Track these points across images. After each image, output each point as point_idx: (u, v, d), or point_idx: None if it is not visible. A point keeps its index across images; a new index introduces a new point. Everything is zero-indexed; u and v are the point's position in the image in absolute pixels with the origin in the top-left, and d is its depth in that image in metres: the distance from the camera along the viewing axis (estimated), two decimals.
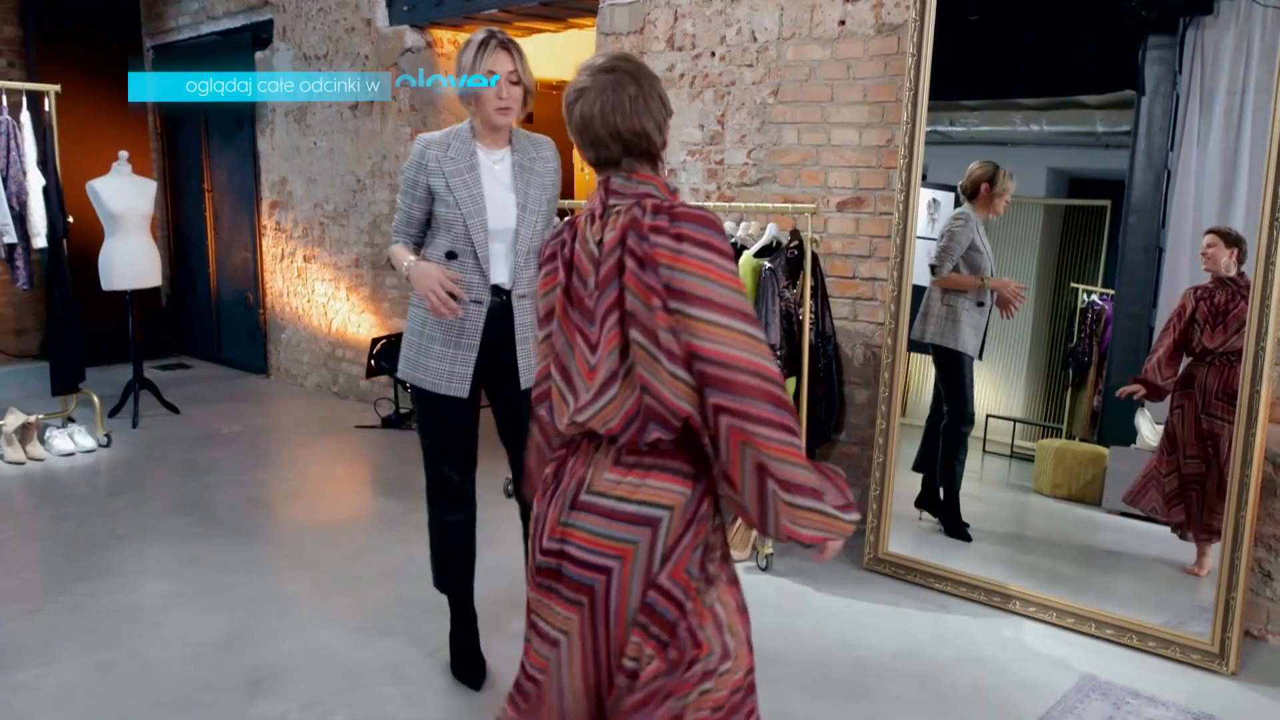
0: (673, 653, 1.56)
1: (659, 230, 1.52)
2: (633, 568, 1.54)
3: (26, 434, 5.14)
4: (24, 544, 4.02)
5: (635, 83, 1.59)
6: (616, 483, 1.56)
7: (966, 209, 3.73)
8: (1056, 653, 3.04)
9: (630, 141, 1.59)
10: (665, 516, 1.54)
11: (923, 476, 3.97)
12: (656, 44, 4.41)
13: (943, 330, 3.77)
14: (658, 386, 1.52)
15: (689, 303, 1.49)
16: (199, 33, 7.27)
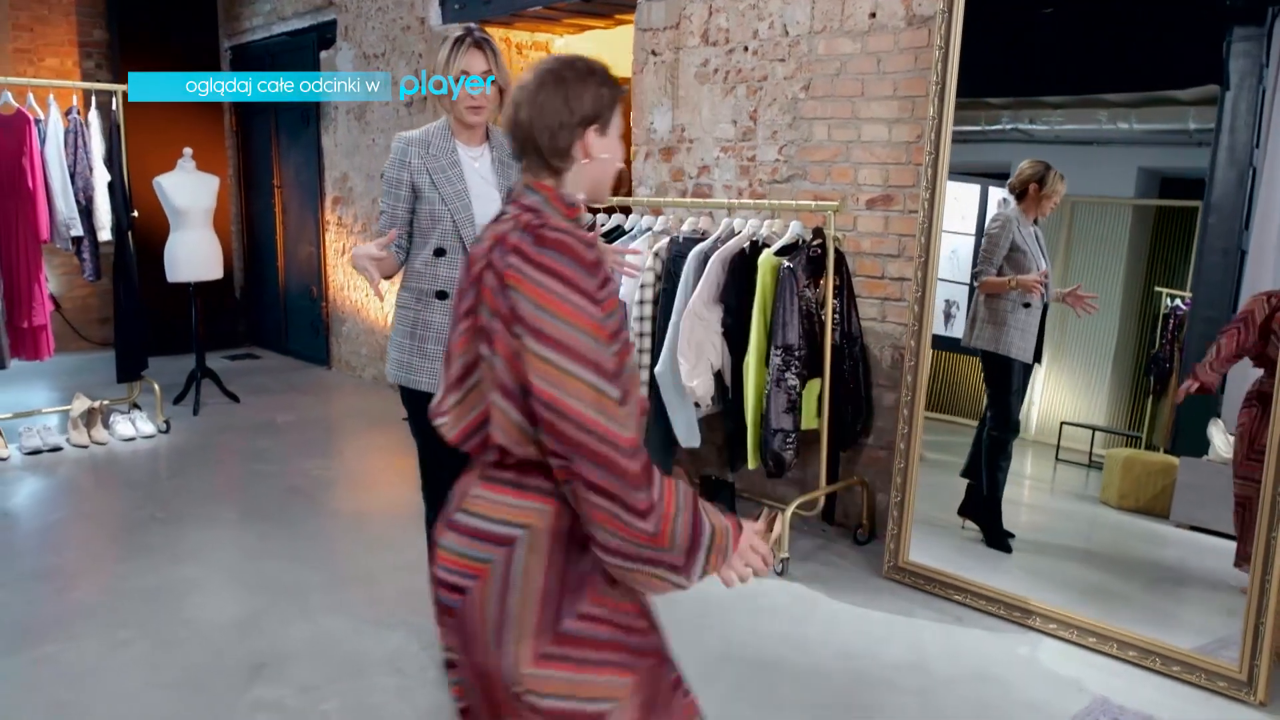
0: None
1: (517, 250, 1.44)
2: (488, 588, 1.46)
3: (91, 419, 5.37)
4: (75, 524, 4.21)
5: (556, 85, 1.52)
6: (479, 498, 1.51)
7: (1006, 210, 3.58)
8: (1072, 673, 2.90)
9: (528, 146, 1.54)
10: (522, 535, 1.46)
11: (968, 484, 3.85)
12: (691, 39, 4.36)
13: (987, 334, 3.63)
14: (494, 410, 1.46)
15: (526, 331, 1.39)
16: (270, 33, 7.50)
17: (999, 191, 3.68)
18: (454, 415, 1.53)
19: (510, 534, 1.47)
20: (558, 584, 1.47)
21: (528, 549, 1.46)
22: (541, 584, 1.46)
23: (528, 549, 1.46)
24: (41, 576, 3.61)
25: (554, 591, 1.46)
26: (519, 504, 1.48)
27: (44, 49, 7.61)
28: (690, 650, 2.99)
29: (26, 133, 4.94)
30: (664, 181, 4.58)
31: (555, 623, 1.46)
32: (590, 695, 1.47)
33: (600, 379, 1.37)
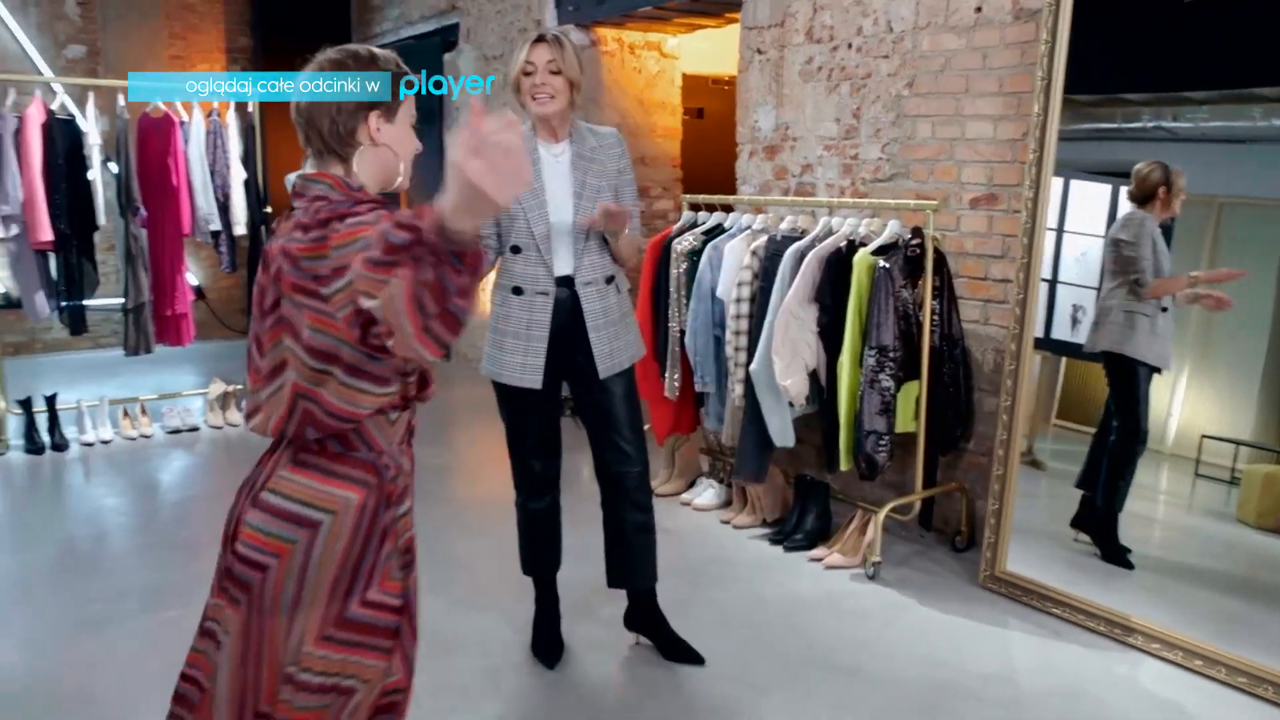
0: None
1: (300, 226, 1.48)
2: (289, 566, 1.51)
3: (226, 402, 5.74)
4: (205, 501, 4.51)
5: (330, 70, 1.57)
6: (287, 480, 1.54)
7: (1139, 213, 3.40)
8: (1172, 696, 2.77)
9: (310, 132, 1.57)
10: (326, 520, 1.52)
11: (1083, 495, 3.70)
12: (796, 36, 4.34)
13: (1113, 337, 3.46)
14: (311, 389, 1.48)
15: (338, 276, 1.40)
16: (399, 36, 7.81)
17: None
18: (266, 410, 1.54)
19: (315, 518, 1.52)
20: (351, 571, 1.55)
21: (330, 534, 1.52)
22: (336, 569, 1.53)
23: (330, 534, 1.52)
24: (173, 546, 3.90)
25: (346, 578, 1.54)
26: (326, 490, 1.53)
27: (195, 55, 8.15)
28: (770, 651, 3.01)
29: (172, 134, 5.31)
30: (767, 180, 4.57)
31: (342, 608, 1.54)
32: (350, 673, 1.56)
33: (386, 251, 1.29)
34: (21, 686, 2.81)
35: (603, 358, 2.72)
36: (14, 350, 7.47)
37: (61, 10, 7.59)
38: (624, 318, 2.78)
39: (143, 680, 2.83)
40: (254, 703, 1.55)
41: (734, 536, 3.98)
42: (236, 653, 1.55)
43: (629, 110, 6.04)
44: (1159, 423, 3.54)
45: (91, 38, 7.68)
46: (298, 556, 1.52)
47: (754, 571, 3.62)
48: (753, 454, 3.88)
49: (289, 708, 1.54)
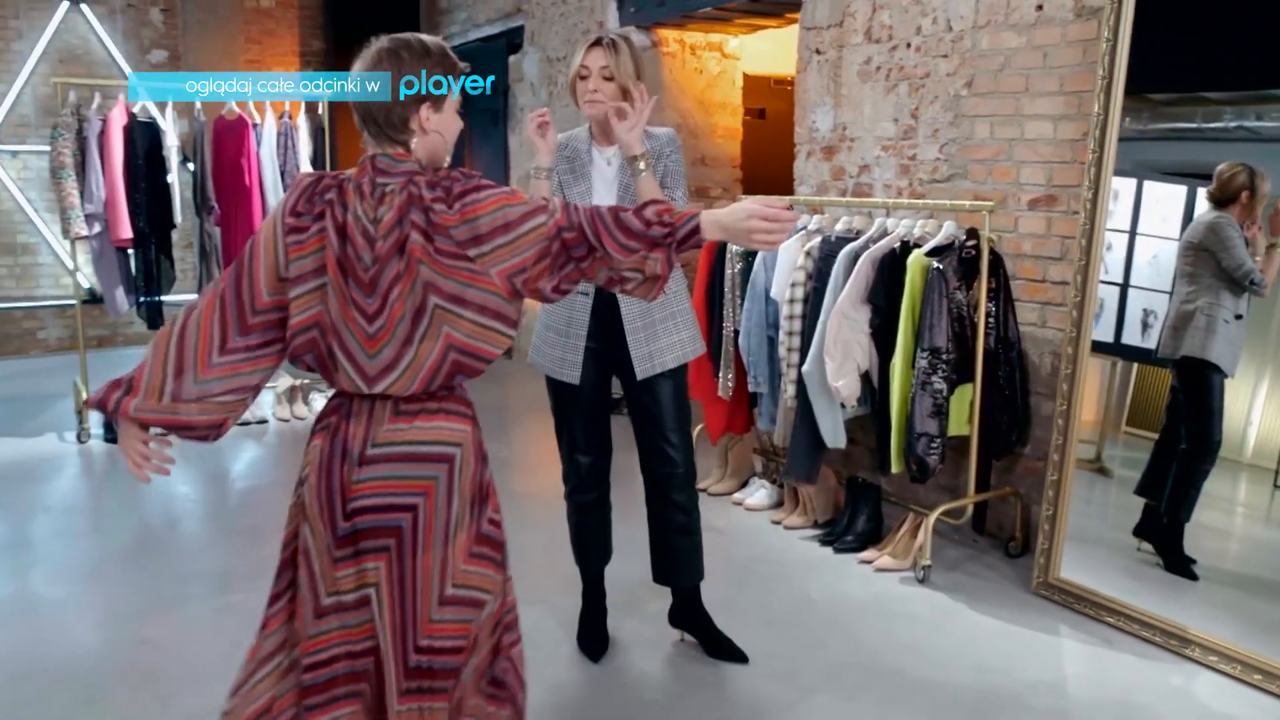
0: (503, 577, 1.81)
1: (438, 200, 1.65)
2: (436, 501, 1.69)
3: (294, 395, 5.92)
4: (271, 489, 4.66)
5: (392, 63, 1.68)
6: (404, 429, 1.69)
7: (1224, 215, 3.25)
8: (1226, 709, 2.70)
9: (368, 120, 1.69)
10: (457, 453, 1.71)
11: (1145, 504, 3.61)
12: (855, 36, 4.32)
13: (1198, 341, 3.33)
14: (466, 341, 1.67)
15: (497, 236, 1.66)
16: (466, 39, 7.95)
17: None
18: (409, 373, 1.68)
19: (449, 453, 1.71)
20: (481, 492, 1.75)
21: (462, 463, 1.72)
22: (470, 492, 1.74)
23: (462, 463, 1.72)
24: (240, 533, 4.04)
25: (478, 498, 1.74)
26: (449, 426, 1.72)
27: (270, 59, 8.40)
28: (815, 652, 3.01)
29: (245, 135, 5.49)
30: (824, 181, 4.56)
31: (479, 525, 1.75)
32: (485, 587, 1.74)
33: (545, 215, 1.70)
34: (94, 662, 2.95)
35: (640, 360, 2.72)
36: (97, 343, 7.80)
37: (146, 18, 7.89)
38: (670, 317, 2.76)
39: (205, 660, 2.95)
40: (415, 637, 1.70)
41: (784, 537, 3.98)
42: (394, 597, 1.69)
43: (689, 111, 6.07)
44: (1237, 431, 3.45)
45: (173, 43, 7.97)
46: (441, 490, 1.69)
47: (802, 572, 3.62)
48: (804, 455, 3.87)
49: (451, 625, 1.71)
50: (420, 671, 1.69)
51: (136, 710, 2.68)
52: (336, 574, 1.70)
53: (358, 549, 1.68)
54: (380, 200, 1.66)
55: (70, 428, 5.46)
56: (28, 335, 7.77)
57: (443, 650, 1.70)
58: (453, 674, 1.72)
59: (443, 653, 1.70)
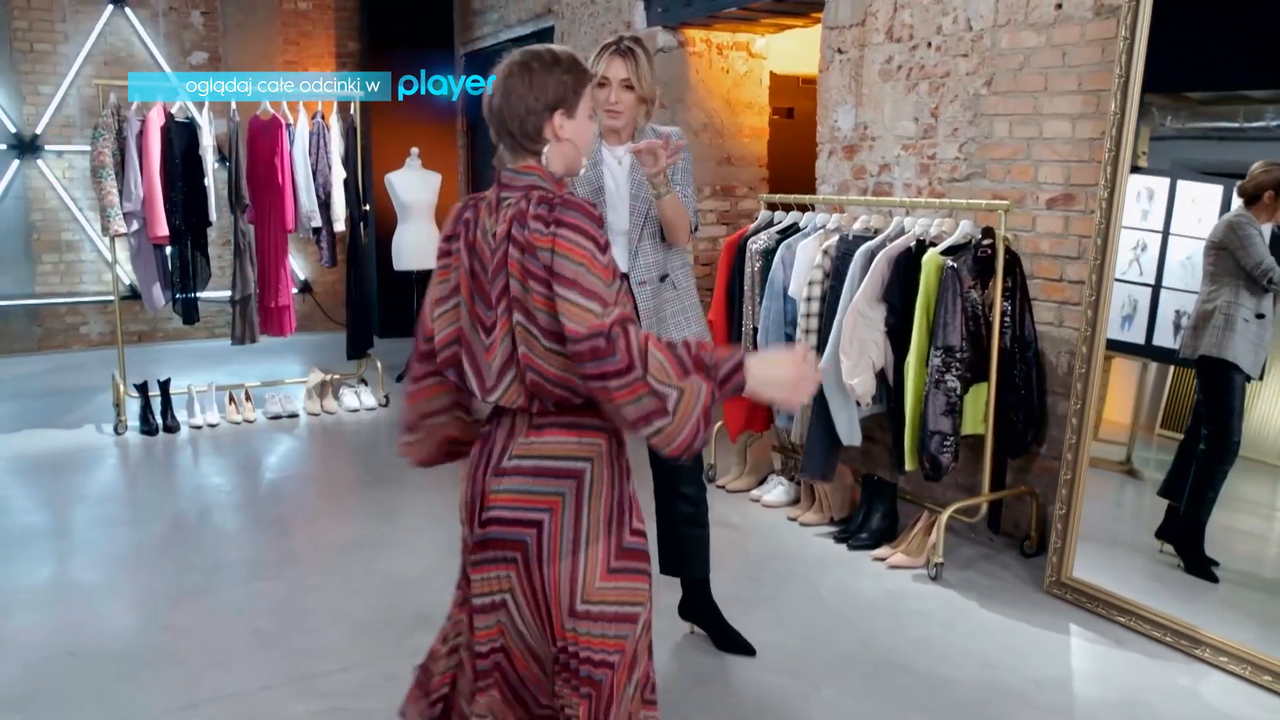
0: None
1: (540, 219, 1.63)
2: (562, 517, 1.69)
3: (324, 391, 6.04)
4: (298, 482, 4.78)
5: (523, 75, 1.68)
6: (536, 444, 1.71)
7: (1244, 214, 3.24)
8: (1234, 710, 2.69)
9: (503, 130, 1.71)
10: (588, 468, 1.71)
11: (1168, 505, 3.58)
12: (876, 35, 4.33)
13: (1215, 340, 3.32)
14: (538, 362, 1.66)
15: (561, 284, 1.60)
16: (498, 40, 8.04)
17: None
18: (517, 386, 1.70)
19: (578, 468, 1.71)
20: (618, 506, 1.73)
21: (593, 479, 1.71)
22: (605, 507, 1.71)
23: (593, 479, 1.71)
24: (266, 524, 4.15)
25: (616, 512, 1.72)
26: (580, 441, 1.71)
27: (307, 60, 8.55)
28: (823, 646, 3.04)
29: (279, 135, 5.62)
30: (845, 180, 4.57)
31: (619, 539, 1.73)
32: (634, 600, 1.73)
33: (598, 305, 1.60)
34: (123, 645, 3.06)
35: None
36: (137, 339, 8.00)
37: (188, 20, 8.08)
38: (679, 314, 2.82)
39: (230, 644, 3.05)
40: (550, 643, 1.75)
41: (800, 534, 4.01)
42: (524, 607, 1.74)
43: (716, 110, 6.10)
44: (1275, 436, 3.42)
45: (213, 45, 8.15)
46: (569, 505, 1.70)
47: (815, 569, 3.65)
48: (820, 452, 3.90)
49: (588, 638, 1.71)
50: (561, 665, 1.74)
51: (161, 690, 2.78)
52: (472, 576, 1.78)
53: (489, 556, 1.75)
54: (500, 215, 1.70)
55: (109, 420, 5.62)
56: (71, 330, 7.99)
57: (579, 658, 1.72)
58: (592, 684, 1.72)
59: (580, 660, 1.72)
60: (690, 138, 6.00)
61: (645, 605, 1.77)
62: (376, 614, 3.25)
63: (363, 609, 3.29)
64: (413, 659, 2.93)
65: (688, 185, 2.82)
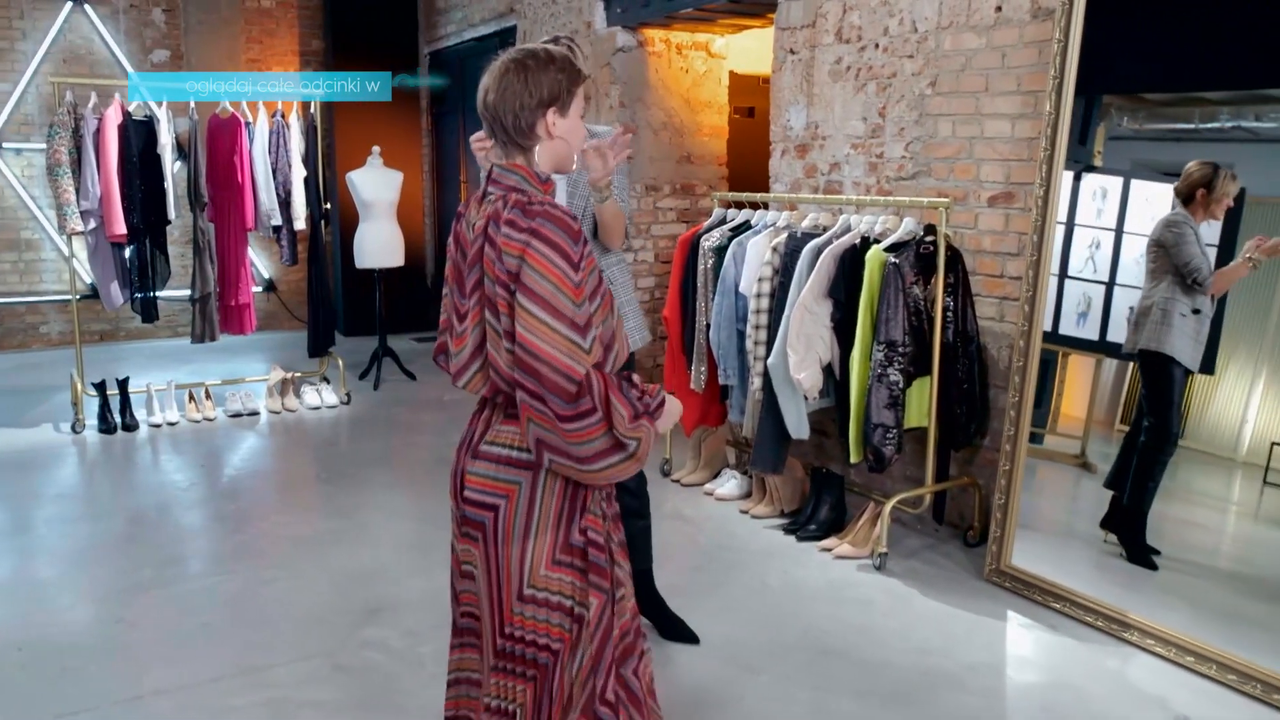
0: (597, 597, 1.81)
1: (512, 224, 1.66)
2: (516, 505, 1.75)
3: (285, 388, 6.04)
4: (254, 478, 4.79)
5: (518, 72, 1.72)
6: (504, 432, 1.77)
7: (1180, 213, 3.33)
8: (1158, 691, 2.79)
9: (496, 127, 1.75)
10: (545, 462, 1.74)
11: (1112, 496, 3.67)
12: (826, 36, 4.40)
13: (1154, 335, 3.41)
14: (497, 359, 1.72)
15: (523, 294, 1.64)
16: (462, 39, 8.07)
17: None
18: (481, 375, 1.78)
19: (535, 461, 1.74)
20: (568, 504, 1.77)
21: (549, 473, 1.75)
22: (557, 501, 1.76)
23: (549, 473, 1.75)
24: (221, 520, 4.17)
25: (567, 508, 1.77)
26: None
27: (270, 58, 8.53)
28: (765, 634, 3.11)
29: (238, 134, 5.62)
30: (798, 178, 4.65)
31: (567, 534, 1.77)
32: (579, 599, 1.78)
33: (575, 333, 1.64)
34: (72, 639, 3.07)
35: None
36: (99, 338, 7.96)
37: (149, 18, 8.04)
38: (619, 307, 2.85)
39: (180, 638, 3.08)
40: (501, 622, 1.79)
41: (750, 526, 4.07)
42: (484, 582, 1.81)
43: (675, 109, 6.17)
44: (1233, 430, 3.51)
45: (175, 43, 8.11)
46: (524, 494, 1.75)
47: (763, 559, 3.71)
48: (770, 445, 3.96)
49: (533, 622, 1.77)
50: (504, 654, 1.80)
51: (107, 683, 2.80)
52: (458, 545, 1.87)
53: (465, 531, 1.84)
54: (484, 209, 1.75)
55: (67, 419, 5.60)
56: (30, 330, 7.94)
57: (524, 641, 1.78)
58: (537, 666, 1.78)
59: (525, 643, 1.78)
60: (650, 136, 6.07)
61: (588, 606, 1.79)
62: (328, 607, 3.29)
63: (314, 603, 3.32)
64: (362, 651, 3.00)
65: (624, 189, 2.87)
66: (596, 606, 1.79)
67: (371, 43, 8.43)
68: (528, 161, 1.76)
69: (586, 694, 1.82)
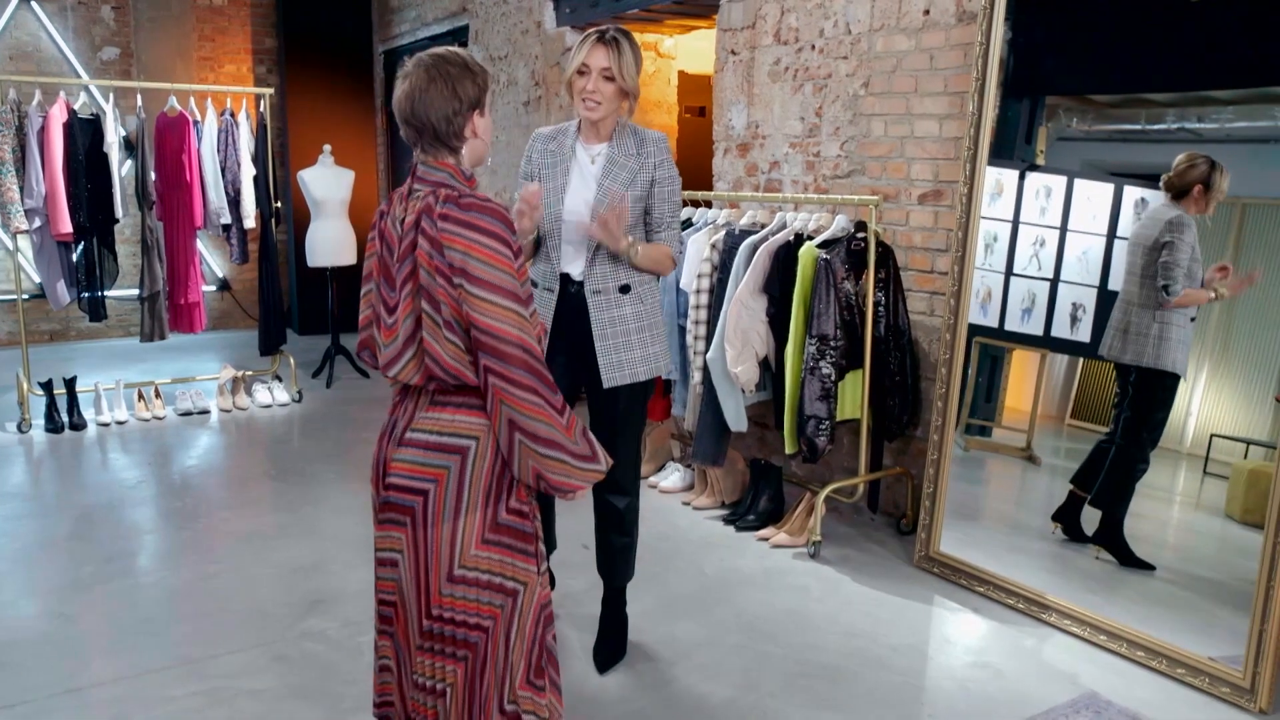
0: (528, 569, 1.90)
1: (447, 218, 1.74)
2: (446, 488, 1.82)
3: (236, 387, 6.05)
4: (204, 475, 4.80)
5: (442, 79, 1.80)
6: (430, 419, 1.84)
7: (1185, 216, 3.27)
8: (1069, 667, 2.91)
9: (427, 129, 1.82)
10: (473, 445, 1.82)
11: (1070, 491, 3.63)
12: (765, 38, 4.50)
13: (1156, 352, 3.35)
14: (437, 349, 1.78)
15: (472, 283, 1.73)
16: (416, 38, 8.09)
17: (1136, 191, 3.58)
18: (414, 364, 1.84)
19: (463, 444, 1.82)
20: (497, 482, 1.85)
21: (477, 455, 1.82)
22: (485, 481, 1.84)
23: (477, 455, 1.82)
24: (167, 516, 4.18)
25: (494, 488, 1.84)
26: (468, 420, 1.83)
27: (223, 56, 8.50)
28: (699, 619, 3.19)
29: (186, 132, 5.62)
30: (739, 176, 4.74)
31: (495, 513, 1.85)
32: (510, 575, 1.86)
33: (521, 306, 1.76)
34: (10, 634, 3.09)
35: (607, 368, 2.66)
36: (49, 337, 7.89)
37: (98, 15, 7.97)
38: (643, 330, 2.71)
39: (120, 632, 3.10)
40: (427, 605, 1.85)
41: (691, 517, 4.16)
42: (411, 566, 1.86)
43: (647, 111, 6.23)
44: (1178, 423, 3.56)
45: (125, 40, 8.06)
46: (453, 478, 1.82)
47: (701, 549, 3.80)
48: (710, 438, 4.05)
49: (463, 602, 1.83)
50: (432, 634, 1.86)
51: (45, 676, 2.82)
52: (377, 533, 1.92)
53: (388, 518, 1.89)
54: (409, 204, 1.82)
55: (13, 418, 5.57)
56: None
57: (455, 622, 1.84)
58: (468, 646, 1.85)
59: (455, 624, 1.84)
60: None
61: (522, 583, 1.87)
62: (270, 600, 3.33)
63: (256, 596, 3.36)
64: (302, 641, 3.04)
65: (674, 217, 2.74)
66: (530, 578, 1.88)
67: (325, 41, 8.43)
68: (456, 161, 1.85)
69: (524, 664, 1.90)
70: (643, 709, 2.67)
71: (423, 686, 1.89)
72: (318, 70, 8.39)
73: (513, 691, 1.90)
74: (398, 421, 1.91)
